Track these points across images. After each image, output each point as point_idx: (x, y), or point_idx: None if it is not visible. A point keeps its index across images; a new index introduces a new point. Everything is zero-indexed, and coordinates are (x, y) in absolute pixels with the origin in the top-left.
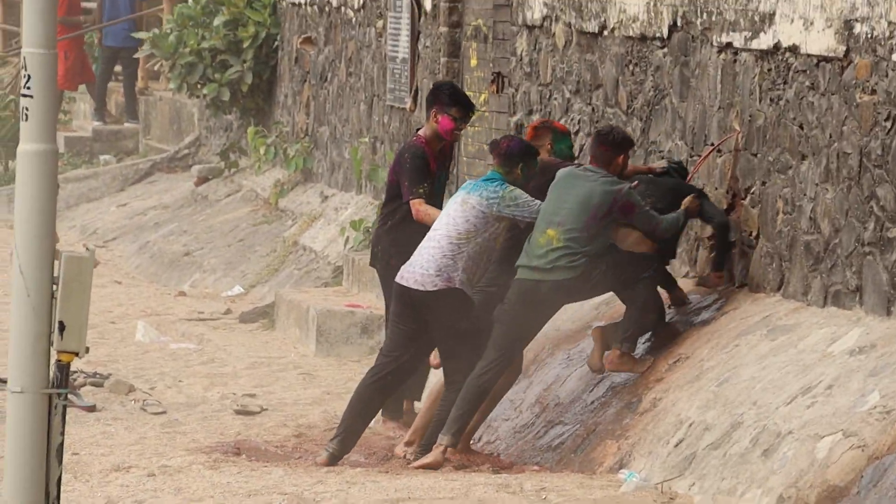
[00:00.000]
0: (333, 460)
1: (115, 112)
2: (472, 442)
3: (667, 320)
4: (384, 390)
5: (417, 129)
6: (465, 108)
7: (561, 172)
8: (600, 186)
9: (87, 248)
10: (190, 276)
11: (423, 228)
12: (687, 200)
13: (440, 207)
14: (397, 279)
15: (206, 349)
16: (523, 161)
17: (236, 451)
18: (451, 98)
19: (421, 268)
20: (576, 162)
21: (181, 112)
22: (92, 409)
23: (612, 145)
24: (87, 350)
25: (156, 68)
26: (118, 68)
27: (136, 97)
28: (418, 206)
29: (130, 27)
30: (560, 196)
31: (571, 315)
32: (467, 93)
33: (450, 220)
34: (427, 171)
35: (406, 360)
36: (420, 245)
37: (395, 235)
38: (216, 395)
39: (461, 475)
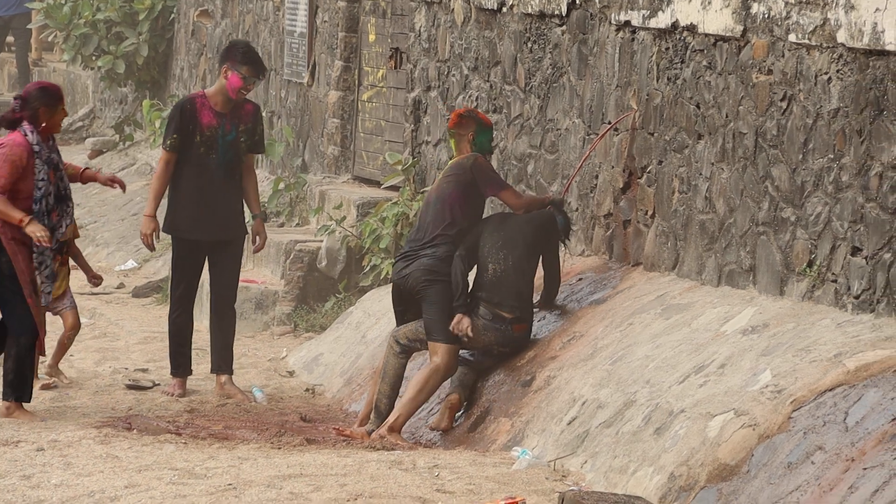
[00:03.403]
0: None
1: (7, 83)
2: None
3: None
4: None
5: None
6: (255, 69)
7: None
8: None
9: None
10: (83, 250)
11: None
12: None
13: (223, 165)
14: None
15: (99, 323)
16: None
17: (127, 426)
18: (244, 56)
19: None
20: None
21: (75, 84)
22: None
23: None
24: None
25: (49, 39)
26: (10, 38)
27: (28, 68)
28: (160, 160)
29: None
30: None
31: None
32: (364, 68)
33: None
34: (183, 123)
35: None
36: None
37: None
38: (108, 369)
39: (354, 452)
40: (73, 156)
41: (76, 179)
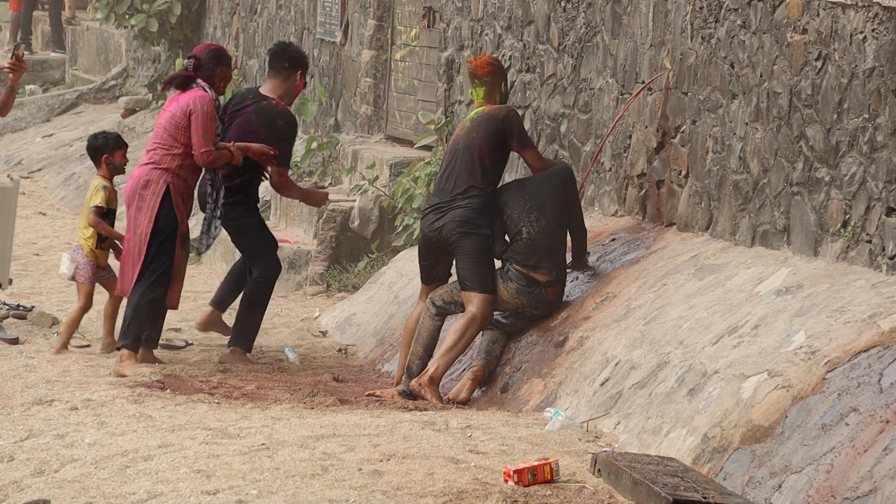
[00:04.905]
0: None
1: (41, 41)
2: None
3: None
4: None
5: (258, 90)
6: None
7: None
8: None
9: (11, 179)
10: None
11: None
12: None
13: None
14: None
15: None
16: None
17: (161, 386)
18: (306, 64)
19: None
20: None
21: (108, 42)
22: (15, 341)
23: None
24: (11, 282)
25: None
26: None
27: (62, 27)
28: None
29: None
30: None
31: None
32: (397, 27)
33: None
34: None
35: None
36: None
37: None
38: None
39: (387, 413)
40: (107, 114)
41: None
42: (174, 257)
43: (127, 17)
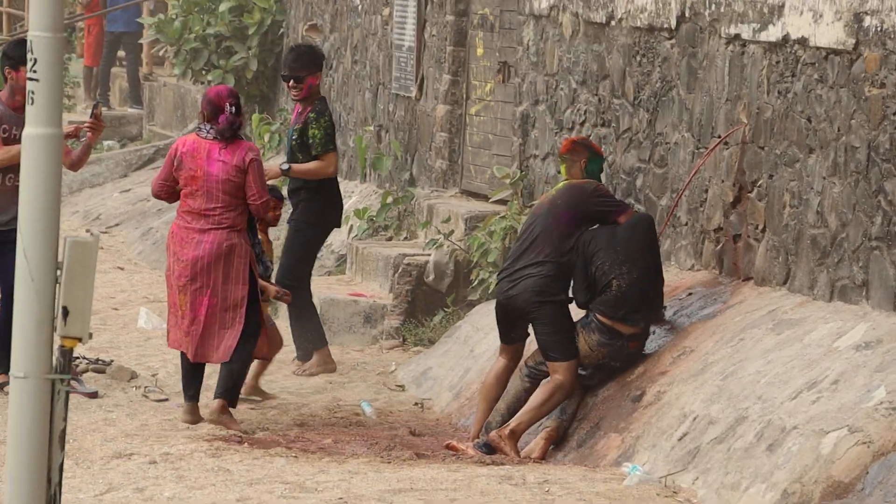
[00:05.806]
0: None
1: (118, 97)
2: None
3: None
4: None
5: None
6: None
7: None
8: None
9: (91, 234)
10: None
11: None
12: None
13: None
14: None
15: None
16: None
17: (238, 440)
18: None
19: None
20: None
21: (185, 98)
22: (94, 395)
23: None
24: (91, 336)
25: (160, 54)
26: (121, 53)
27: (139, 83)
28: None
29: (134, 12)
30: None
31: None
32: (472, 82)
33: None
34: None
35: None
36: None
37: None
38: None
39: (464, 467)
40: None
41: None
42: (260, 307)
43: (203, 72)
